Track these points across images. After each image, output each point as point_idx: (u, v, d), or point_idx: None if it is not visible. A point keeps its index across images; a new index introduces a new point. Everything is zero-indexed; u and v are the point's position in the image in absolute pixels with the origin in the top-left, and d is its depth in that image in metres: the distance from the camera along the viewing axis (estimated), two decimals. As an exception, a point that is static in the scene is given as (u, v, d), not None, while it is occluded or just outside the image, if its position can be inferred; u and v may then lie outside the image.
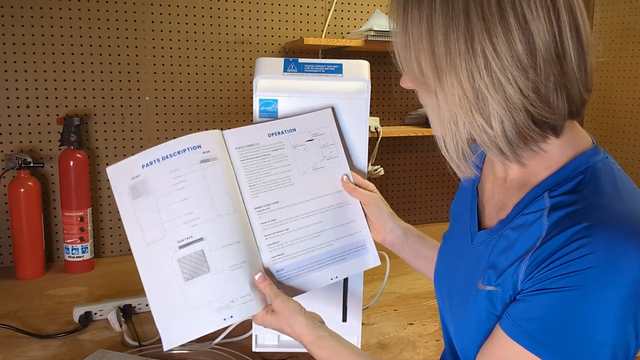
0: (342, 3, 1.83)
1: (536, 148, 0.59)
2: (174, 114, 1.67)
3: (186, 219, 0.77)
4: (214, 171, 0.80)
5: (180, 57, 1.65)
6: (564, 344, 0.53)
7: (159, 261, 0.76)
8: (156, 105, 1.64)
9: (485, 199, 0.72)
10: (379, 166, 1.75)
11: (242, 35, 1.71)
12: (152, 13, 1.61)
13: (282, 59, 0.96)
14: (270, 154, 0.87)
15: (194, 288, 0.75)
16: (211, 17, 1.67)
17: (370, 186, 0.92)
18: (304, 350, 0.78)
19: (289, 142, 0.89)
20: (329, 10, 1.82)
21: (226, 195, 0.80)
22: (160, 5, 1.61)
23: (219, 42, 1.69)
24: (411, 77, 0.62)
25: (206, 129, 1.69)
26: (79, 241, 1.48)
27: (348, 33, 1.84)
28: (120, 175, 0.79)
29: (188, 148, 0.79)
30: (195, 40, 1.66)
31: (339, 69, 0.95)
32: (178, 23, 1.64)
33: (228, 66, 1.71)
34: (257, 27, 1.73)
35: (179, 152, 0.79)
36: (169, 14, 1.63)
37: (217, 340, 1.05)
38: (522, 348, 0.55)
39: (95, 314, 1.17)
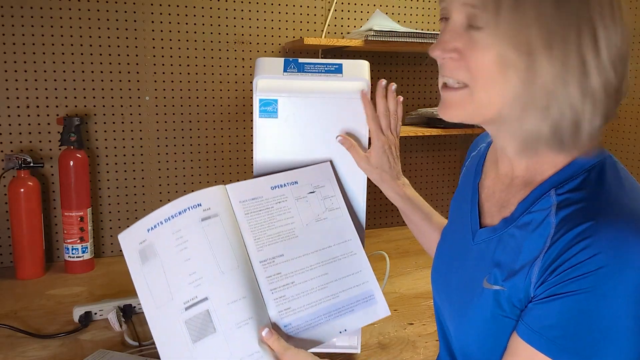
0: (342, 3, 1.83)
1: (584, 145, 0.59)
2: (174, 114, 1.67)
3: (190, 280, 0.76)
4: (215, 228, 0.80)
5: (180, 57, 1.65)
6: (587, 347, 0.53)
7: (168, 324, 0.76)
8: (156, 105, 1.64)
9: (485, 196, 0.72)
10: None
11: (242, 35, 1.71)
12: (152, 13, 1.61)
13: (282, 59, 0.96)
14: (274, 207, 0.87)
15: (202, 349, 0.75)
16: (211, 17, 1.67)
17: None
18: None
19: (291, 194, 0.89)
20: (329, 10, 1.82)
21: (229, 251, 0.79)
22: (160, 5, 1.61)
23: (219, 42, 1.69)
24: (498, 40, 0.55)
25: (206, 129, 1.70)
26: (79, 241, 1.48)
27: (348, 33, 1.84)
28: (130, 241, 0.80)
29: (188, 207, 0.80)
30: (195, 40, 1.66)
31: (339, 69, 0.95)
32: (178, 23, 1.64)
33: (228, 66, 1.71)
34: (257, 27, 1.73)
35: (180, 213, 0.79)
36: (169, 14, 1.63)
37: None
38: (546, 357, 0.55)
39: (95, 314, 1.17)
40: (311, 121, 0.96)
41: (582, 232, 0.53)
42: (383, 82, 0.93)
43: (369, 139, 0.96)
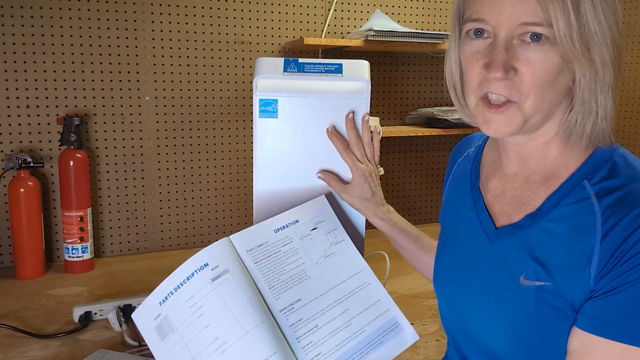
0: (342, 3, 1.83)
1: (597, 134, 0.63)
2: (174, 114, 1.67)
3: (214, 347, 0.72)
4: (228, 286, 0.76)
5: (180, 57, 1.65)
6: None
7: None
8: (156, 105, 1.64)
9: (492, 198, 0.72)
10: (379, 166, 1.75)
11: (242, 35, 1.71)
12: (152, 13, 1.61)
13: (282, 59, 0.96)
14: (281, 250, 0.85)
15: None
16: (211, 17, 1.67)
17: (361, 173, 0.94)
18: None
19: (295, 234, 0.87)
20: (329, 10, 1.82)
21: (249, 307, 0.76)
22: (160, 5, 1.61)
23: (219, 42, 1.69)
24: (567, 53, 0.58)
25: (206, 129, 1.70)
26: (79, 241, 1.48)
27: (348, 33, 1.84)
28: (145, 320, 0.76)
29: (196, 271, 0.76)
30: (195, 40, 1.66)
31: (339, 69, 0.95)
32: (178, 23, 1.64)
33: (228, 66, 1.71)
34: (257, 27, 1.73)
35: (188, 278, 0.76)
36: (169, 14, 1.63)
37: None
38: (627, 345, 0.55)
39: (95, 313, 1.17)
40: (311, 121, 0.96)
41: (636, 218, 0.55)
42: (350, 115, 0.93)
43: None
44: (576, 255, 0.59)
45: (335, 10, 1.82)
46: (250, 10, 1.71)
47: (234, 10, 1.69)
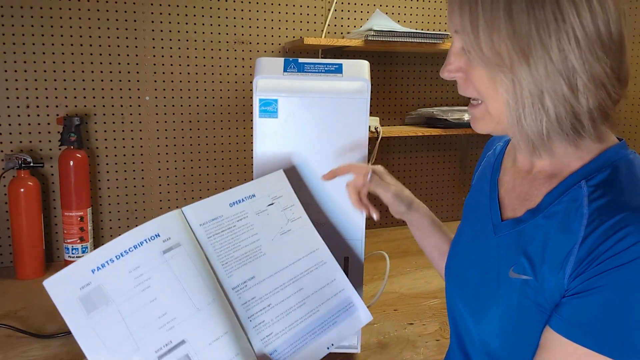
0: (342, 3, 1.83)
1: (593, 132, 0.60)
2: (174, 113, 1.67)
3: (160, 323, 0.67)
4: (180, 260, 0.72)
5: (180, 57, 1.65)
6: (629, 337, 0.53)
7: None
8: (156, 105, 1.64)
9: (504, 191, 0.73)
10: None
11: (242, 35, 1.71)
12: (152, 13, 1.61)
13: (282, 59, 0.96)
14: (236, 225, 0.82)
15: None
16: (211, 17, 1.67)
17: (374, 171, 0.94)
18: None
19: (251, 209, 0.85)
20: (329, 10, 1.82)
21: (201, 284, 0.72)
22: (160, 5, 1.61)
23: (219, 42, 1.69)
24: (482, 61, 0.60)
25: (206, 129, 1.70)
26: (79, 241, 1.48)
27: (348, 33, 1.84)
28: (64, 288, 0.67)
29: (145, 240, 0.71)
30: (195, 40, 1.66)
31: (338, 69, 0.96)
32: (178, 23, 1.64)
33: (228, 66, 1.71)
34: (257, 27, 1.73)
35: (135, 247, 0.70)
36: (169, 14, 1.63)
37: None
38: (588, 350, 0.55)
39: (95, 313, 1.17)
40: (311, 121, 0.96)
41: (618, 223, 0.54)
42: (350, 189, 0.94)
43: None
44: (558, 253, 0.59)
45: (335, 10, 1.82)
46: (250, 10, 1.71)
47: (234, 10, 1.69)
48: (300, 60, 0.96)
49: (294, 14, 1.77)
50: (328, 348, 0.81)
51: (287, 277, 0.82)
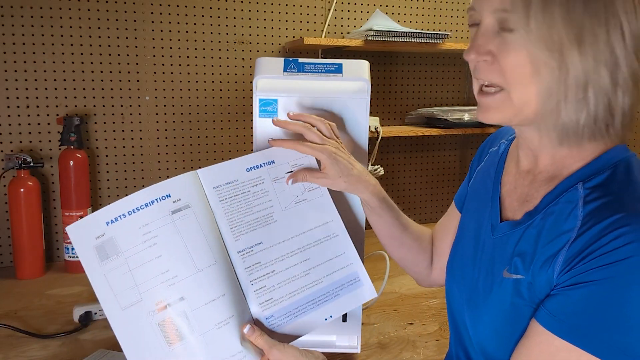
0: (342, 3, 1.83)
1: (620, 130, 0.61)
2: (174, 113, 1.67)
3: (162, 279, 0.71)
4: (187, 221, 0.74)
5: (180, 57, 1.65)
6: (608, 334, 0.54)
7: (138, 326, 0.70)
8: (156, 105, 1.64)
9: (506, 192, 0.73)
10: (379, 166, 1.75)
11: (242, 35, 1.71)
12: (152, 13, 1.61)
13: (282, 59, 0.96)
14: (250, 191, 0.81)
15: (177, 353, 0.70)
16: (211, 17, 1.67)
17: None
18: None
19: (268, 175, 0.84)
20: (329, 10, 1.82)
21: (205, 246, 0.74)
22: (160, 5, 1.61)
23: (219, 42, 1.69)
24: (531, 42, 0.58)
25: (206, 129, 1.70)
26: (79, 241, 1.47)
27: (348, 33, 1.84)
28: (83, 235, 0.72)
29: (156, 199, 0.73)
30: (195, 40, 1.66)
31: (338, 69, 0.95)
32: (178, 23, 1.64)
33: (228, 66, 1.71)
34: (257, 27, 1.73)
35: (146, 205, 0.72)
36: (169, 14, 1.63)
37: None
38: (565, 342, 0.55)
39: (95, 313, 1.17)
40: (311, 121, 0.95)
41: (614, 223, 0.55)
42: (289, 113, 0.88)
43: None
44: (549, 251, 0.60)
45: (335, 10, 1.82)
46: (250, 10, 1.71)
47: (234, 10, 1.69)
48: (300, 60, 0.96)
49: (294, 14, 1.77)
50: (326, 319, 0.80)
51: (295, 246, 0.82)
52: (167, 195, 0.74)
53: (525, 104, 0.61)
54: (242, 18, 1.71)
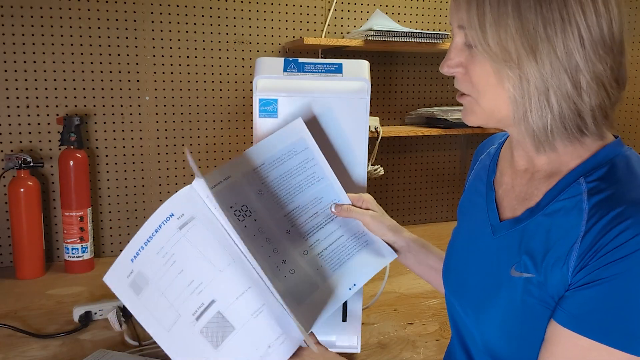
0: (342, 3, 1.83)
1: (595, 130, 0.62)
2: (174, 113, 1.67)
3: (190, 290, 0.75)
4: (196, 231, 0.77)
5: (180, 57, 1.65)
6: (632, 328, 0.54)
7: (185, 341, 0.75)
8: (156, 105, 1.64)
9: (503, 192, 0.73)
10: (379, 166, 1.75)
11: (242, 35, 1.71)
12: (152, 13, 1.61)
13: (282, 59, 0.96)
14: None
15: (226, 351, 0.74)
16: (211, 17, 1.67)
17: (365, 200, 0.91)
18: None
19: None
20: (329, 10, 1.82)
21: (218, 248, 0.78)
22: (160, 5, 1.61)
23: (219, 42, 1.69)
24: (489, 56, 0.61)
25: (206, 129, 1.70)
26: (78, 241, 1.48)
27: (348, 33, 1.84)
28: (117, 279, 0.78)
29: (162, 223, 0.78)
30: (195, 40, 1.66)
31: (338, 69, 0.96)
32: (178, 23, 1.64)
33: (228, 66, 1.71)
34: (257, 27, 1.73)
35: (155, 231, 0.77)
36: (169, 14, 1.63)
37: None
38: (592, 341, 0.56)
39: (95, 313, 1.17)
40: (311, 121, 0.95)
41: (618, 215, 0.56)
42: (337, 208, 0.91)
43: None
44: (560, 248, 0.60)
45: (335, 10, 1.82)
46: (250, 10, 1.71)
47: (234, 10, 1.69)
48: (300, 60, 0.96)
49: (294, 14, 1.77)
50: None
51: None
52: (170, 215, 0.78)
53: (494, 109, 0.64)
54: (242, 18, 1.71)
